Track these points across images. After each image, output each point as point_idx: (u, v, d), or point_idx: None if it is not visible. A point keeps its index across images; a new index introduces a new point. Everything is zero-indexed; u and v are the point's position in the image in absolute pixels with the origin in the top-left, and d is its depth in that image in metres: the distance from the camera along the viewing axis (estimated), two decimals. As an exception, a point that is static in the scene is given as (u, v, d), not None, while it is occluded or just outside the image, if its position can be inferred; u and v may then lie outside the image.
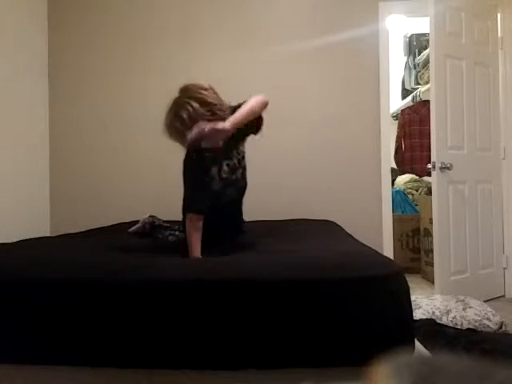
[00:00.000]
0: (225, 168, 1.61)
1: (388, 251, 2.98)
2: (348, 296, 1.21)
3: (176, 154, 3.34)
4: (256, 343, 1.20)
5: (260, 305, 1.20)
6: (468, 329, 1.97)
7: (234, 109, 1.55)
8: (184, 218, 1.59)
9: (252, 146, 3.09)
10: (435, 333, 1.86)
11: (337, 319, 1.20)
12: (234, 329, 1.20)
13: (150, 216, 2.11)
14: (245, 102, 1.56)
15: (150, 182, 3.13)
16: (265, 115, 3.27)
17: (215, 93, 1.56)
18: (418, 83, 4.13)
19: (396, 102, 4.39)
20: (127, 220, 2.83)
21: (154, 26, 3.15)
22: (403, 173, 4.29)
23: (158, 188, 3.11)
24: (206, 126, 1.35)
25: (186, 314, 1.20)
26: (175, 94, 1.56)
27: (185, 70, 3.09)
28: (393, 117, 4.44)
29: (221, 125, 1.37)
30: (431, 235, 3.01)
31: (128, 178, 3.14)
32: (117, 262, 1.37)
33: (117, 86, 3.16)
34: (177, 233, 1.93)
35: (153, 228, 2.02)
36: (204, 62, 3.12)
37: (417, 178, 4.16)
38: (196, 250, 1.50)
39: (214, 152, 1.53)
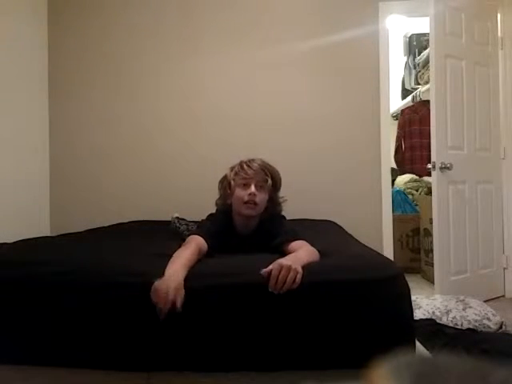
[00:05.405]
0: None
1: (388, 251, 2.98)
2: (349, 297, 1.21)
3: (174, 154, 3.33)
4: (256, 345, 1.19)
5: (260, 307, 1.20)
6: (468, 329, 1.97)
7: None
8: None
9: (252, 145, 3.11)
10: (435, 333, 1.86)
11: (337, 320, 1.20)
12: (235, 331, 1.20)
13: (176, 217, 2.54)
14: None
15: (149, 183, 3.12)
16: (265, 115, 3.26)
17: None
18: (418, 83, 4.13)
19: (396, 102, 4.38)
20: (126, 220, 2.84)
21: (152, 25, 3.15)
22: (403, 173, 4.28)
23: (157, 188, 3.11)
24: (287, 264, 1.17)
25: (186, 315, 1.19)
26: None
27: (182, 70, 3.10)
28: (393, 117, 4.44)
29: (297, 267, 1.18)
30: (431, 235, 3.01)
31: (127, 178, 3.14)
32: (115, 264, 1.37)
33: (117, 86, 3.16)
34: (190, 227, 2.29)
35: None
36: (203, 61, 3.11)
37: (417, 178, 4.15)
38: (176, 264, 1.25)
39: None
